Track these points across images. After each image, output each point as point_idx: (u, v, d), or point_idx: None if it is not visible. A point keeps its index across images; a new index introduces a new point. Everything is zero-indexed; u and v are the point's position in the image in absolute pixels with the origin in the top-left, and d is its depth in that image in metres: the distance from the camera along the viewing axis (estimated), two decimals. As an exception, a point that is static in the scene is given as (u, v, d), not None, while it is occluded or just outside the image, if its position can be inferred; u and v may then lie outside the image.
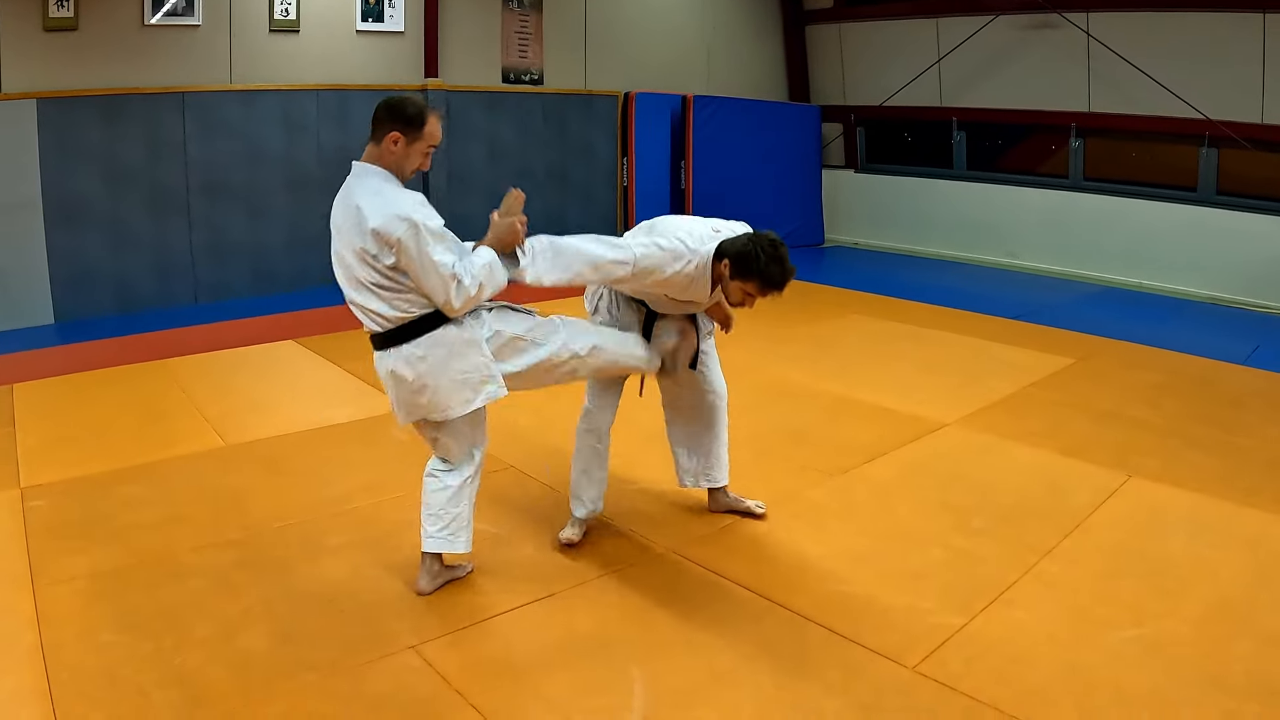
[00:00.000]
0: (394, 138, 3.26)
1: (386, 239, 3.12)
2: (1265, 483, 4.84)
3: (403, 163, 3.32)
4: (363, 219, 3.16)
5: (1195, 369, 7.08)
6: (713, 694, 3.02)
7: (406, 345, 3.30)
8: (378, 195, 3.20)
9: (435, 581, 3.63)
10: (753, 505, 4.32)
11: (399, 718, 2.85)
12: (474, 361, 3.36)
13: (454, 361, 3.32)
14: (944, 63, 12.22)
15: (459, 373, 3.34)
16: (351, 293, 3.31)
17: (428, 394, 3.35)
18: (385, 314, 3.27)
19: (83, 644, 3.20)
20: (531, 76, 11.28)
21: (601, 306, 4.06)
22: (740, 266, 3.54)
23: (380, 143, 3.29)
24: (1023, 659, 3.22)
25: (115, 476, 4.67)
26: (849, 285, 10.30)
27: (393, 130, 3.26)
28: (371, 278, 3.22)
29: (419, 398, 3.38)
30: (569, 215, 11.89)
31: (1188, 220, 10.36)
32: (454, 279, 3.16)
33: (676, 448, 4.27)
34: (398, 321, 3.28)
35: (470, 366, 3.35)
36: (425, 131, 3.32)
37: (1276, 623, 3.48)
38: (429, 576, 3.62)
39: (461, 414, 3.40)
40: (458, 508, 3.58)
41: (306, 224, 9.59)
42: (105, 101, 8.15)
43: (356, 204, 3.21)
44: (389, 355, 3.35)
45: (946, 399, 6.15)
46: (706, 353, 4.11)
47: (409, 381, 3.34)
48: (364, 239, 3.17)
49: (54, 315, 8.10)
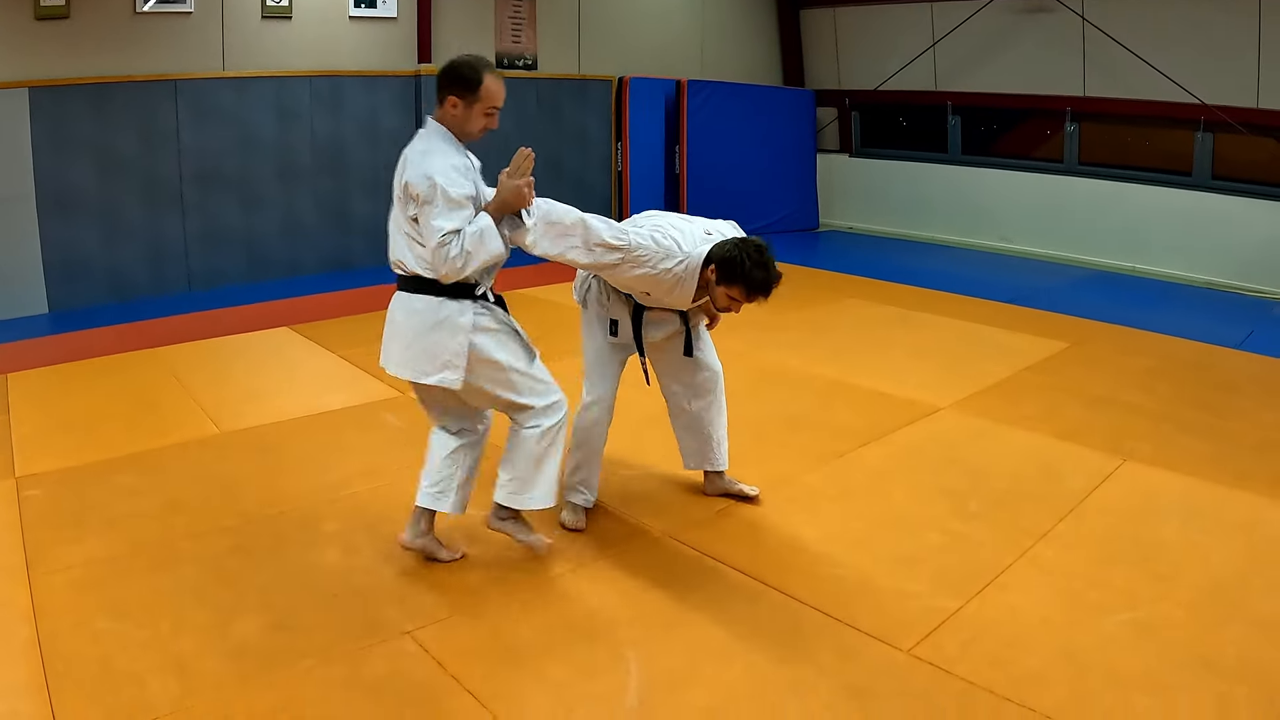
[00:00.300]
0: (452, 101, 3.42)
1: (411, 192, 3.30)
2: (1258, 467, 4.86)
3: (464, 125, 3.48)
4: (402, 170, 3.38)
5: (1189, 353, 7.09)
6: (707, 676, 3.03)
7: (410, 294, 3.44)
8: (424, 154, 3.37)
9: (416, 540, 3.69)
10: (746, 489, 4.33)
11: (395, 703, 2.85)
12: (449, 344, 3.40)
13: (434, 332, 3.40)
14: (939, 47, 12.20)
15: (432, 344, 3.41)
16: (391, 234, 3.48)
17: (399, 346, 3.49)
18: (405, 261, 3.42)
19: (78, 633, 3.21)
20: (525, 62, 11.25)
21: (590, 299, 4.04)
22: (726, 272, 3.56)
23: (442, 105, 3.45)
24: (1017, 642, 3.23)
25: (110, 465, 4.67)
26: (844, 270, 10.30)
27: (450, 94, 3.42)
28: (403, 225, 3.40)
29: (393, 344, 3.52)
30: (564, 200, 11.79)
31: (1182, 205, 10.36)
32: (442, 244, 3.24)
33: (680, 431, 4.29)
34: (410, 272, 3.42)
35: (443, 345, 3.40)
36: (482, 92, 3.44)
37: (1268, 606, 3.50)
38: (412, 531, 3.69)
39: (415, 380, 3.50)
40: (450, 469, 3.66)
41: (300, 211, 9.59)
42: (97, 90, 8.11)
43: (405, 155, 3.43)
44: (396, 297, 3.52)
45: (941, 383, 6.16)
46: (700, 336, 4.12)
47: (395, 324, 3.50)
48: (400, 188, 3.37)
49: (48, 305, 8.08)
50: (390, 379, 5.90)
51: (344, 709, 2.83)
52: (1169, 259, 10.43)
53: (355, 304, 8.17)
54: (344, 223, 9.94)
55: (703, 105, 12.11)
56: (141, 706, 2.81)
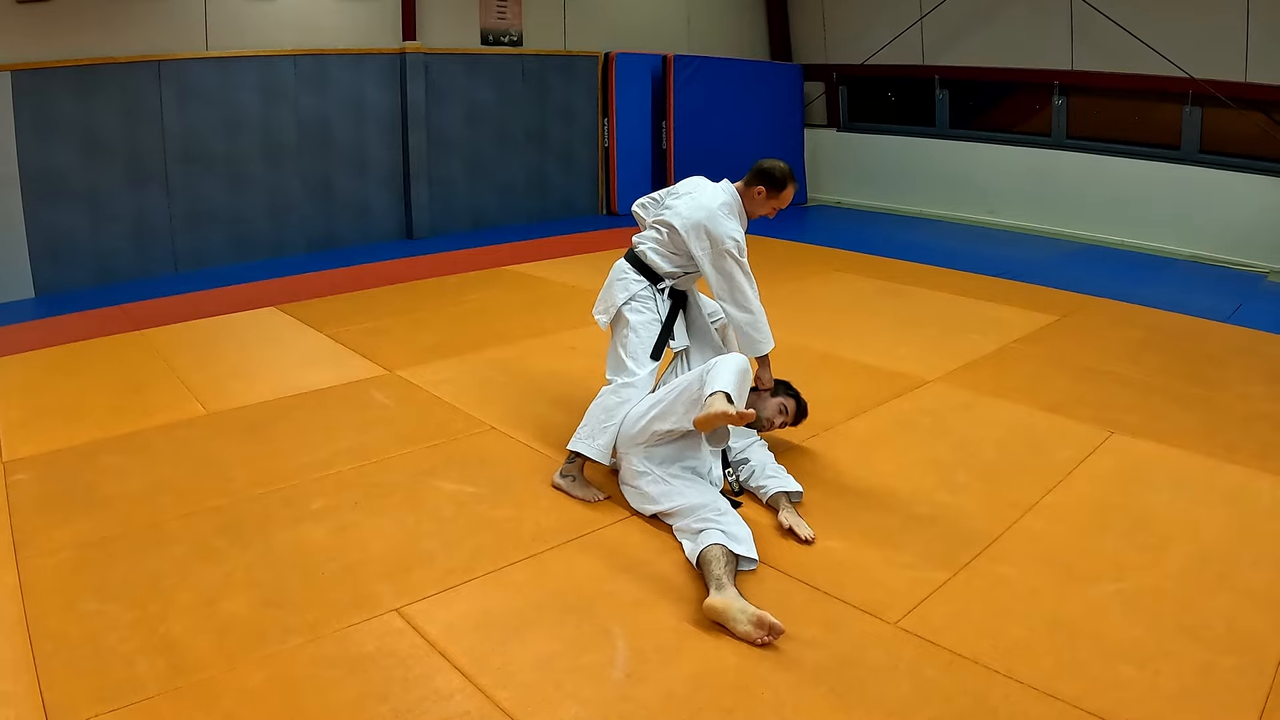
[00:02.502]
0: (759, 190, 4.22)
1: (709, 235, 4.12)
2: (1245, 439, 4.88)
3: (754, 208, 4.29)
4: (692, 202, 4.22)
5: (1178, 326, 7.11)
6: (693, 649, 3.03)
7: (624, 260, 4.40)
8: (725, 210, 4.18)
9: (562, 479, 4.18)
10: (799, 530, 3.91)
11: (383, 680, 2.85)
12: (615, 295, 4.29)
13: (611, 286, 4.37)
14: (926, 21, 12.16)
15: (607, 295, 4.36)
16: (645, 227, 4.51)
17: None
18: (643, 245, 4.36)
19: (67, 615, 3.20)
20: (510, 38, 11.18)
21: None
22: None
23: (749, 186, 4.26)
24: (1005, 613, 3.24)
25: (97, 447, 4.65)
26: (832, 244, 10.30)
27: (759, 185, 4.22)
28: (663, 235, 4.30)
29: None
30: (550, 177, 11.85)
31: (1171, 179, 10.37)
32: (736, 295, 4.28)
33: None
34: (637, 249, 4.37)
35: (611, 295, 4.32)
36: (783, 194, 4.25)
37: (1255, 577, 3.52)
38: (560, 474, 4.21)
39: (596, 317, 4.41)
40: (601, 418, 4.11)
41: (286, 190, 9.54)
42: (80, 72, 8.04)
43: (698, 186, 4.36)
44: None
45: (929, 356, 6.17)
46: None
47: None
48: (688, 222, 4.17)
49: (34, 289, 8.04)
50: (378, 359, 5.91)
51: (333, 686, 2.83)
52: (1157, 232, 10.45)
53: (342, 283, 8.15)
54: (330, 202, 9.90)
55: (689, 80, 12.07)
56: (131, 686, 2.81)
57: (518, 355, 6.11)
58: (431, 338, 6.46)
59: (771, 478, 4.07)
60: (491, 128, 11.18)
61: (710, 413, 3.47)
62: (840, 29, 13.30)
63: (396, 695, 2.79)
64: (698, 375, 3.74)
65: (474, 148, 11.08)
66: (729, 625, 3.08)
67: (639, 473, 3.93)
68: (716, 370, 3.66)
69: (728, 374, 3.62)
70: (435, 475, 4.33)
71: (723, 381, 3.58)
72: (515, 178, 11.59)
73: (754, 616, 3.04)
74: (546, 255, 9.34)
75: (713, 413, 3.46)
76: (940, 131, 12.67)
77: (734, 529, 3.52)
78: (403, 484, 4.23)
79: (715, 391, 3.55)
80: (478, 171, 11.17)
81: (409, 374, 5.70)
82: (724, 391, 3.53)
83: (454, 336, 6.51)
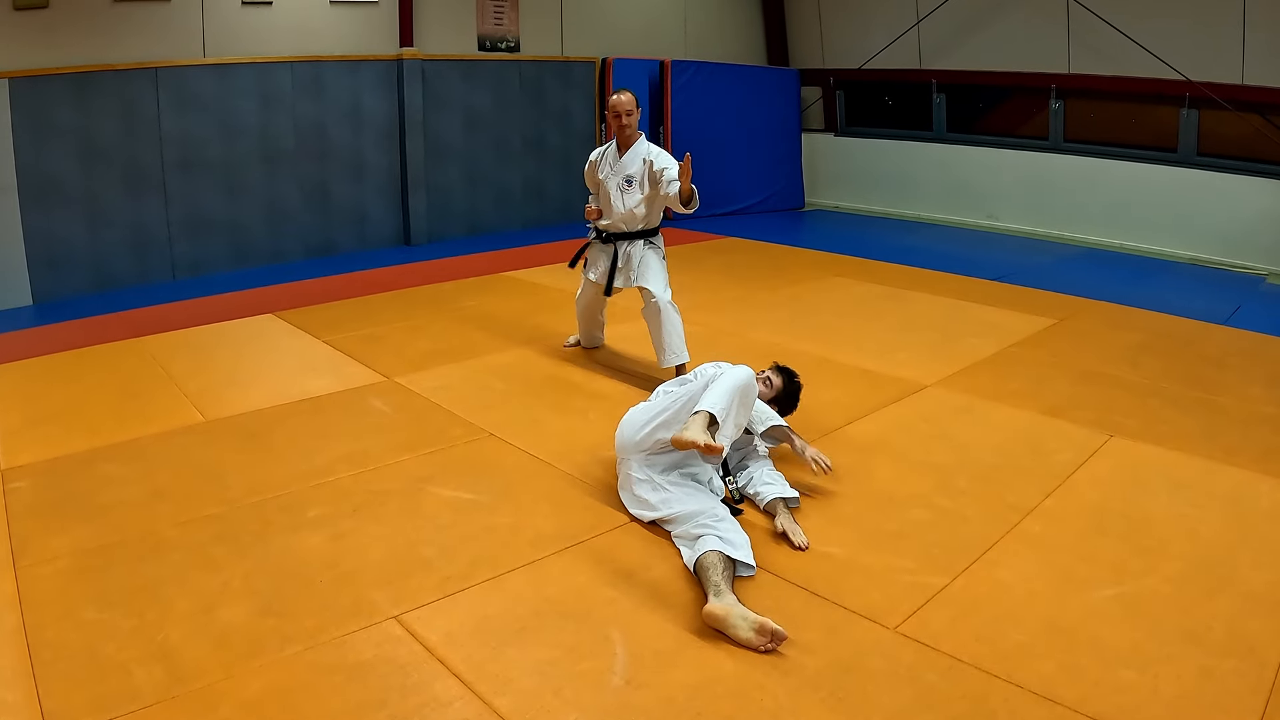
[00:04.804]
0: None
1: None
2: (1245, 442, 4.88)
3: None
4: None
5: (1176, 329, 7.11)
6: (692, 655, 3.02)
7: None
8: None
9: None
10: (793, 537, 3.88)
11: (381, 688, 2.85)
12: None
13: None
14: (923, 25, 12.18)
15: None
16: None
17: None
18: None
19: (65, 623, 3.19)
20: (508, 44, 11.20)
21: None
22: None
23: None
24: (1004, 618, 3.24)
25: (95, 455, 4.64)
26: (829, 249, 10.30)
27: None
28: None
29: None
30: (547, 183, 11.86)
31: (1168, 181, 10.39)
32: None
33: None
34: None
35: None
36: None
37: (1255, 580, 3.51)
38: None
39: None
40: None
41: (283, 197, 9.55)
42: (78, 79, 8.05)
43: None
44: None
45: (927, 360, 6.16)
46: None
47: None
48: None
49: (31, 296, 8.05)
50: (376, 366, 5.90)
51: (331, 693, 2.82)
52: (1155, 235, 10.46)
53: (339, 290, 8.15)
54: (327, 208, 9.91)
55: (687, 85, 12.08)
56: (128, 695, 2.80)
57: (516, 361, 6.11)
58: (429, 344, 6.45)
59: (768, 484, 4.06)
60: (489, 134, 11.19)
61: (682, 437, 3.54)
62: (837, 33, 13.32)
63: (395, 702, 2.78)
64: (702, 386, 3.75)
65: (471, 154, 11.08)
66: (729, 632, 3.07)
67: (638, 479, 3.93)
68: (713, 388, 3.67)
69: (722, 394, 3.63)
70: (433, 482, 4.32)
71: (711, 401, 3.60)
72: (513, 184, 11.59)
73: (756, 623, 3.03)
74: (544, 261, 9.33)
75: (684, 438, 3.53)
76: (938, 136, 12.69)
77: (731, 535, 3.51)
78: (401, 491, 4.22)
79: (699, 411, 3.59)
80: (475, 178, 11.18)
81: (407, 380, 5.70)
82: (710, 412, 3.57)
83: (452, 343, 6.50)
